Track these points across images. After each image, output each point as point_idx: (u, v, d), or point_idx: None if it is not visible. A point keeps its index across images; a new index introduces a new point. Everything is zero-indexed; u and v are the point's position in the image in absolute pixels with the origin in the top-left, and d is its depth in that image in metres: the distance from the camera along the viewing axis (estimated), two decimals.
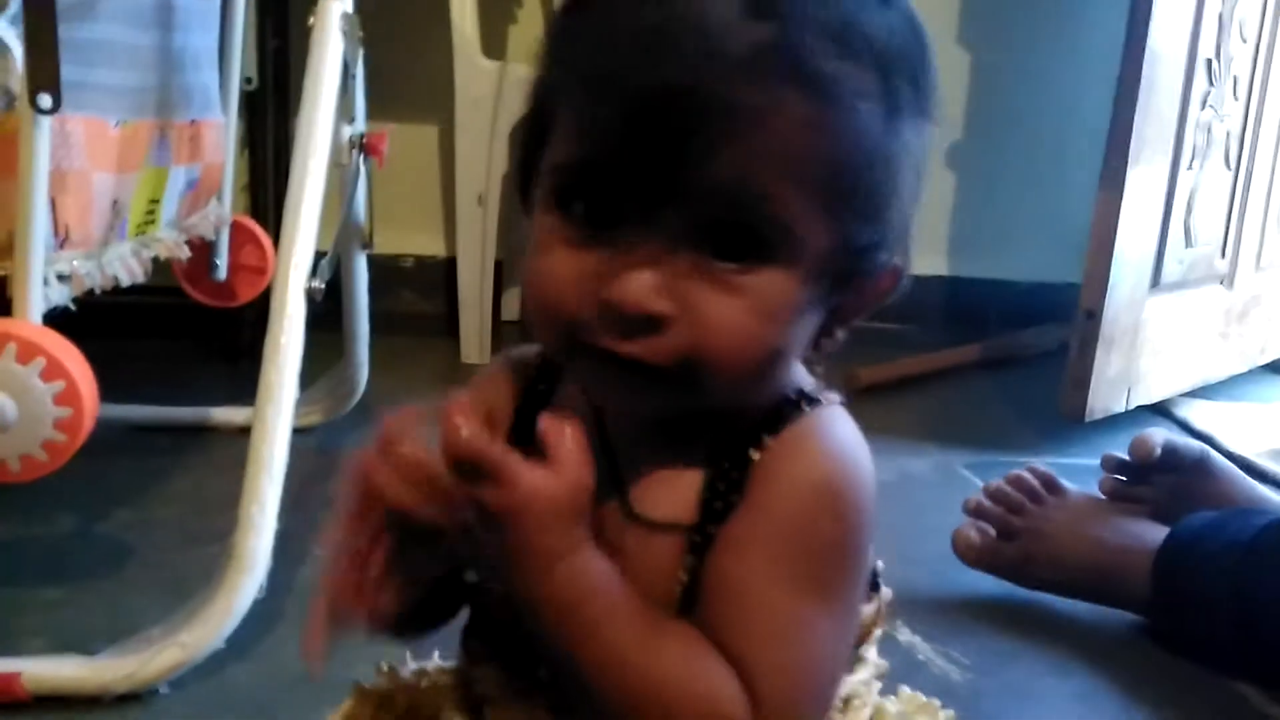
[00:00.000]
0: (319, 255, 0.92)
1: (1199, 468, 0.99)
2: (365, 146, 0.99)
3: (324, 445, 1.23)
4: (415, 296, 1.78)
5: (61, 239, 0.80)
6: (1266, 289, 1.64)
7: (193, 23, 0.98)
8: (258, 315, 1.44)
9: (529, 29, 1.74)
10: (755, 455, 0.42)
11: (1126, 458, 1.00)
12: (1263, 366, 1.71)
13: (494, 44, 1.59)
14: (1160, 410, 1.52)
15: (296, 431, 1.24)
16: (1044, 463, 1.01)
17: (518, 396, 0.47)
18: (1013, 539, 0.97)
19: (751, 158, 0.37)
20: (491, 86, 1.49)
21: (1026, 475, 1.00)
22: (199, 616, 0.78)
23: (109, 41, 0.85)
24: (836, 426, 0.44)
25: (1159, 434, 0.99)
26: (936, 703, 0.53)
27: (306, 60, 0.93)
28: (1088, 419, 1.36)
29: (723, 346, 0.39)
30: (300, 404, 1.25)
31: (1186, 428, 1.47)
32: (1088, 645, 0.91)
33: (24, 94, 0.73)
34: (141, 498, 1.06)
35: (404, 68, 1.65)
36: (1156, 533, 0.93)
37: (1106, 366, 1.36)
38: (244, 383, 1.31)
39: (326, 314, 1.13)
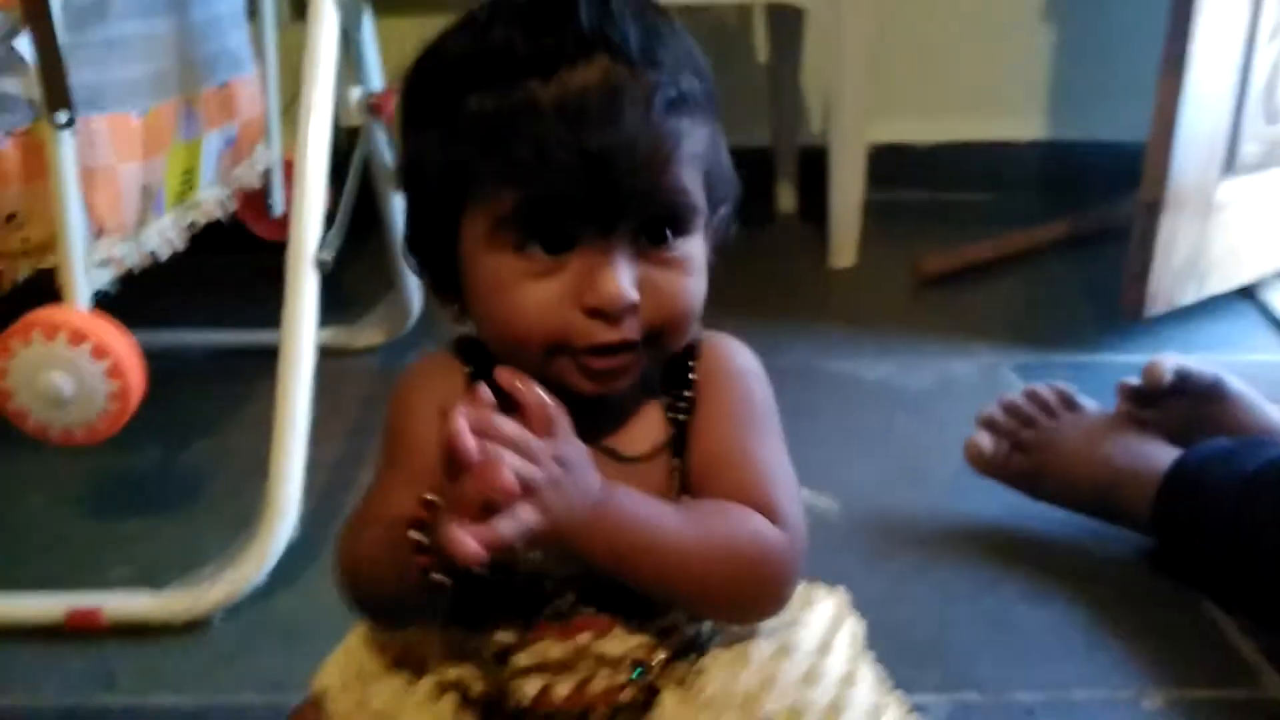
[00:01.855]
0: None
1: (1213, 394, 0.97)
2: (373, 107, 1.04)
3: (385, 364, 1.34)
4: None
5: (97, 230, 0.90)
6: None
7: None
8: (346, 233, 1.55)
9: None
10: (694, 375, 0.56)
11: (1139, 383, 0.99)
12: None
13: None
14: (1246, 295, 1.45)
15: (359, 352, 1.36)
16: (1102, 361, 1.00)
17: (465, 381, 0.56)
18: (1024, 452, 0.98)
19: (674, 172, 0.51)
20: None
21: (1042, 390, 1.01)
22: (241, 556, 0.90)
23: (125, 38, 0.91)
24: (720, 336, 0.59)
25: (1170, 359, 0.97)
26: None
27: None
28: (1148, 314, 1.32)
29: (678, 308, 0.52)
30: (362, 325, 1.36)
31: (1271, 314, 1.41)
32: (1072, 574, 0.93)
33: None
34: (220, 425, 1.19)
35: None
36: (1167, 454, 0.93)
37: (1170, 257, 1.31)
38: (326, 300, 1.43)
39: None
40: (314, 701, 0.62)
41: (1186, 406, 0.97)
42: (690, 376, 0.56)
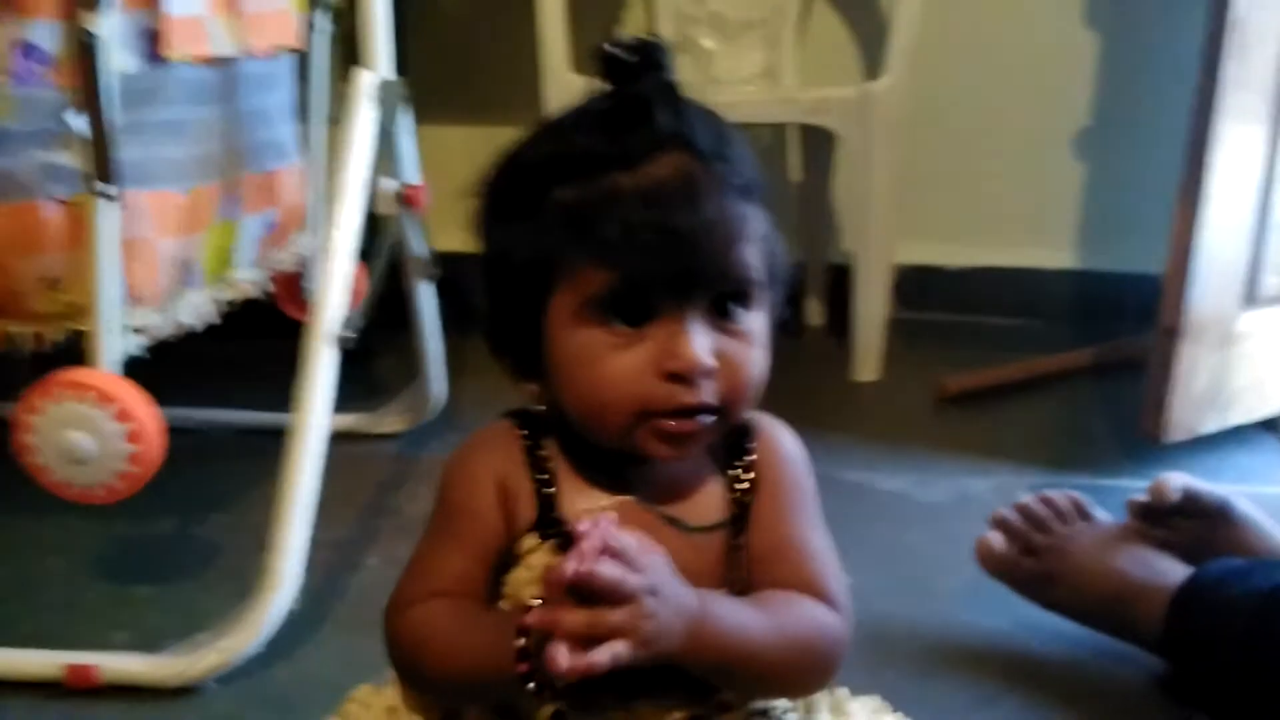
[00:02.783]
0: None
1: (1220, 515, 0.96)
2: (406, 198, 1.09)
3: (404, 451, 1.36)
4: None
5: (132, 298, 0.94)
6: None
7: (260, 87, 1.10)
8: (370, 323, 1.60)
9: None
10: (754, 456, 0.61)
11: (1147, 500, 0.98)
12: None
13: (581, 58, 1.65)
14: (1271, 428, 1.44)
15: (381, 437, 1.39)
16: (1119, 486, 1.00)
17: (524, 450, 0.60)
18: (1035, 556, 0.97)
19: (743, 250, 0.56)
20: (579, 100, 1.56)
21: (1057, 496, 1.00)
22: (237, 625, 0.91)
23: (172, 121, 0.98)
24: (770, 419, 0.63)
25: (1178, 478, 0.97)
26: None
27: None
28: (1166, 440, 1.31)
29: (747, 377, 0.57)
30: (386, 412, 1.39)
31: None
32: (1070, 694, 0.91)
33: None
34: (239, 501, 1.22)
35: (498, 77, 1.75)
36: (1180, 570, 0.92)
37: (1190, 386, 1.30)
38: (353, 387, 1.46)
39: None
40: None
41: (1194, 527, 0.96)
42: (750, 457, 0.61)
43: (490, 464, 0.60)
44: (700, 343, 0.54)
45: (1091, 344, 1.70)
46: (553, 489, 0.59)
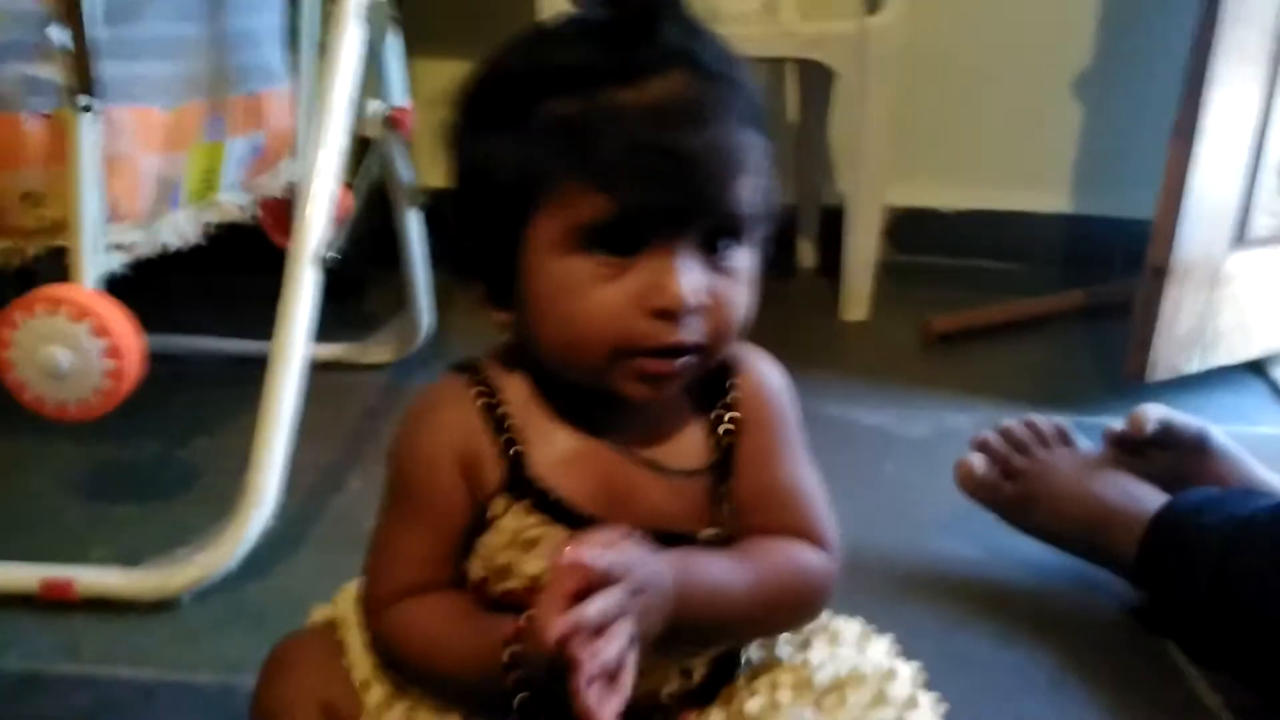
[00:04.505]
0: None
1: (1197, 447, 0.96)
2: (392, 121, 1.08)
3: (391, 381, 1.36)
4: None
5: (112, 214, 0.93)
6: None
7: (248, 7, 1.09)
8: (366, 255, 1.60)
9: None
10: (737, 394, 0.58)
11: (1123, 429, 0.98)
12: None
13: None
14: (1256, 369, 1.44)
15: (369, 367, 1.39)
16: (1102, 423, 1.00)
17: (482, 411, 0.57)
18: (1014, 479, 0.98)
19: (742, 184, 0.52)
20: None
21: (1040, 421, 1.01)
22: (214, 541, 0.92)
23: (156, 37, 0.96)
24: (753, 352, 0.61)
25: (1155, 409, 0.97)
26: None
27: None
28: (1149, 380, 1.31)
29: (733, 316, 0.54)
30: (373, 342, 1.39)
31: (1279, 388, 1.39)
32: (1041, 618, 0.92)
33: None
34: (221, 426, 1.22)
35: (493, 9, 1.73)
36: (1158, 497, 0.92)
37: (1174, 325, 1.30)
38: (345, 320, 1.46)
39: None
40: (321, 629, 0.63)
41: (1171, 458, 0.96)
42: (733, 395, 0.58)
43: (446, 438, 0.56)
44: (690, 279, 0.51)
45: (1082, 287, 1.70)
46: (520, 447, 0.55)
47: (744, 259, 0.54)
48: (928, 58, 1.81)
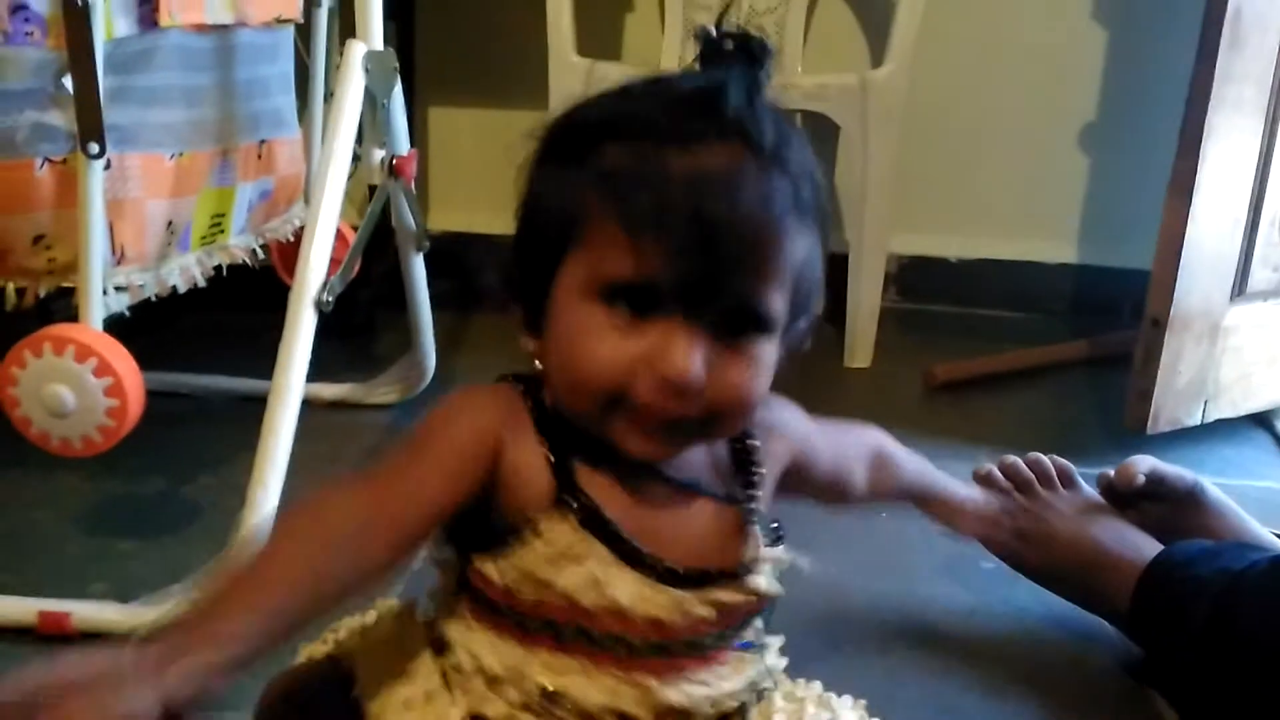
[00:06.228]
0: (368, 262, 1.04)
1: (1190, 500, 0.96)
2: (394, 168, 1.11)
3: (395, 422, 1.38)
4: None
5: (118, 257, 0.96)
6: None
7: (257, 57, 1.12)
8: (373, 295, 1.62)
9: (622, 28, 1.81)
10: (759, 466, 0.61)
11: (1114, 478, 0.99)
12: None
13: (587, 43, 1.67)
14: (1260, 422, 1.43)
15: (374, 408, 1.41)
16: (1099, 474, 1.00)
17: (531, 418, 0.57)
18: (1012, 517, 0.97)
19: (773, 269, 0.53)
20: (581, 82, 1.57)
21: (1045, 460, 1.00)
22: (209, 578, 0.93)
23: (166, 86, 1.00)
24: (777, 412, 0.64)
25: (1145, 461, 0.97)
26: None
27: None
28: (1151, 431, 1.31)
29: (738, 401, 0.54)
30: (379, 383, 1.41)
31: None
32: (1028, 671, 0.92)
33: None
34: (225, 464, 1.24)
35: (506, 61, 1.77)
36: (1154, 547, 0.92)
37: (1174, 377, 1.30)
38: (355, 358, 1.48)
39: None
40: (316, 663, 0.63)
41: (1163, 510, 0.96)
42: (756, 470, 0.61)
43: (487, 416, 0.56)
44: (697, 357, 0.51)
45: (1086, 338, 1.70)
46: (570, 460, 0.56)
47: (762, 346, 0.54)
48: (933, 109, 1.83)
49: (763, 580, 0.59)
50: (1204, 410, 1.35)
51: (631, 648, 0.56)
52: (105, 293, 0.95)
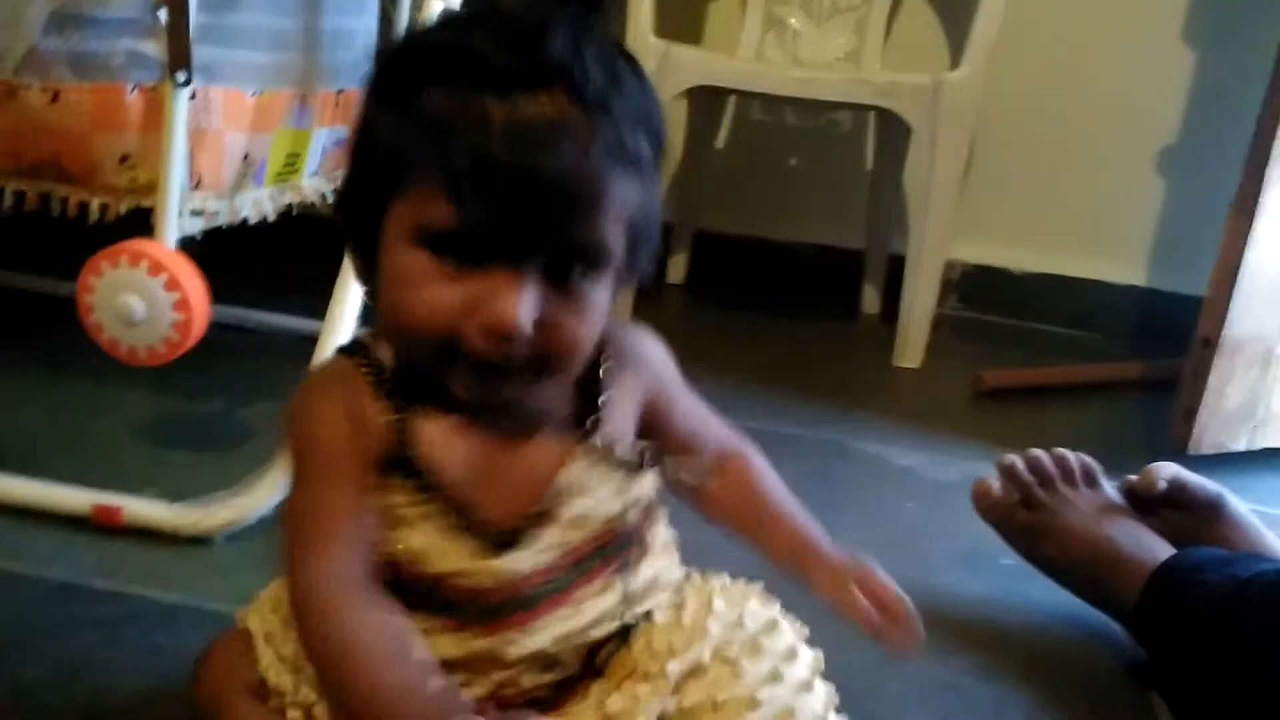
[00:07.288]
0: None
1: (1211, 511, 0.96)
2: None
3: None
4: None
5: (196, 182, 1.02)
6: None
7: (343, 9, 1.18)
8: None
9: (703, 13, 1.84)
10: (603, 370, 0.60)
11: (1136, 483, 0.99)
12: None
13: (666, 25, 1.70)
14: None
15: None
16: None
17: (369, 382, 0.58)
18: (1032, 509, 0.98)
19: (597, 219, 0.53)
20: (655, 64, 1.60)
21: (1070, 457, 1.01)
22: (250, 489, 0.99)
23: (251, 27, 1.05)
24: (627, 330, 0.63)
25: (1169, 468, 0.98)
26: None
27: None
28: (1193, 452, 1.31)
29: (568, 346, 0.55)
30: None
31: None
32: (1029, 658, 0.93)
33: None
34: (282, 394, 1.28)
35: None
36: (1167, 550, 0.92)
37: (1222, 400, 1.29)
38: None
39: None
40: (237, 634, 0.68)
41: (1184, 518, 0.97)
42: (606, 367, 0.60)
43: (335, 401, 0.57)
44: (525, 305, 0.51)
45: (1146, 360, 1.68)
46: (403, 417, 0.56)
47: (594, 289, 0.54)
48: (1009, 116, 1.83)
49: (590, 503, 0.59)
50: (1251, 436, 1.33)
51: (487, 608, 0.57)
52: (180, 215, 1.00)
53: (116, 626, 0.84)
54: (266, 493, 0.98)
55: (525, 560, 0.58)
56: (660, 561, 0.64)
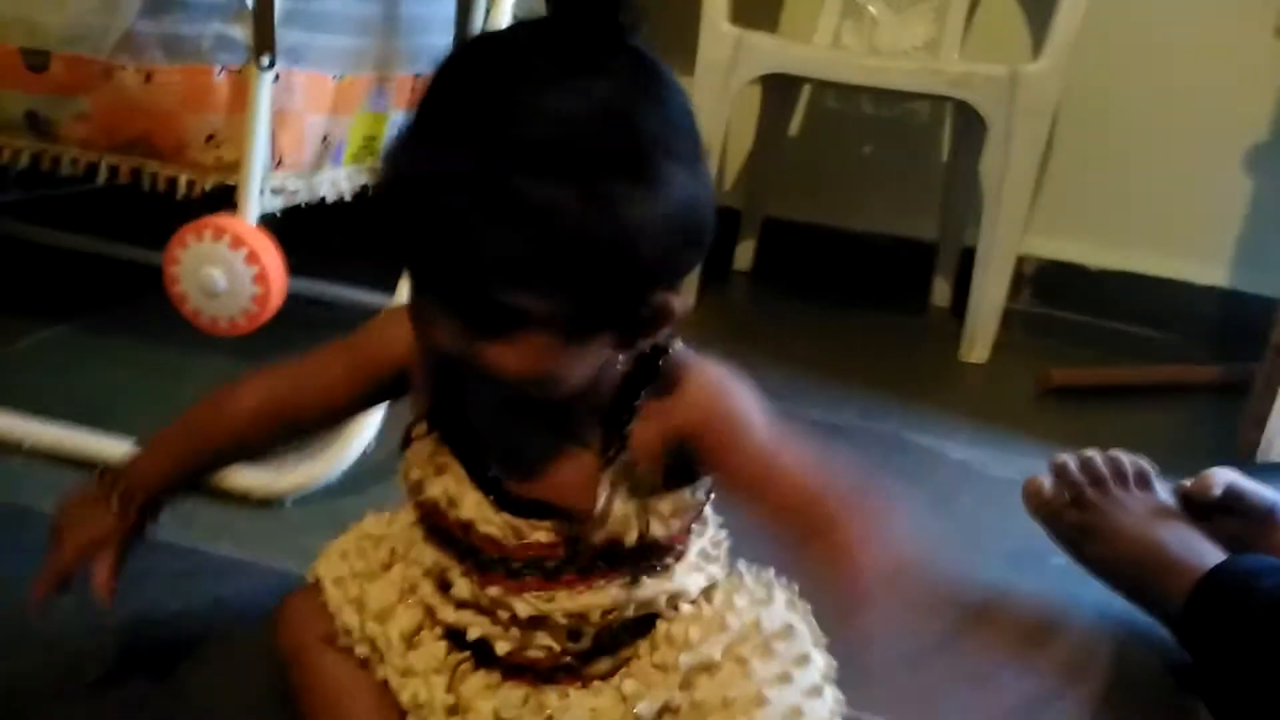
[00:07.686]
0: None
1: (1268, 519, 0.95)
2: None
3: None
4: None
5: (277, 162, 1.07)
6: None
7: None
8: None
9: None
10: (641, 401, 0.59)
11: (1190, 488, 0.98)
12: None
13: (741, 12, 1.70)
14: None
15: None
16: None
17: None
18: (1082, 509, 0.98)
19: (487, 273, 0.50)
20: (729, 51, 1.61)
21: (1124, 459, 1.01)
22: (319, 456, 1.03)
23: (336, 13, 1.10)
24: (687, 354, 0.61)
25: (1226, 474, 0.96)
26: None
27: None
28: (1262, 459, 1.28)
29: (517, 380, 0.53)
30: None
31: None
32: (1068, 656, 0.93)
33: None
34: None
35: (656, 23, 1.82)
36: (1218, 556, 0.92)
37: None
38: None
39: None
40: (310, 589, 0.73)
41: (1238, 525, 0.95)
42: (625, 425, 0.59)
43: (404, 332, 0.59)
44: (443, 333, 0.52)
45: (1220, 364, 1.65)
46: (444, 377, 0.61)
47: (529, 339, 0.51)
48: (1090, 109, 1.80)
49: (612, 524, 0.59)
50: None
51: (479, 559, 0.62)
52: (262, 192, 1.05)
53: (187, 579, 0.89)
54: (335, 460, 1.03)
55: (524, 529, 0.61)
56: (689, 577, 0.65)
